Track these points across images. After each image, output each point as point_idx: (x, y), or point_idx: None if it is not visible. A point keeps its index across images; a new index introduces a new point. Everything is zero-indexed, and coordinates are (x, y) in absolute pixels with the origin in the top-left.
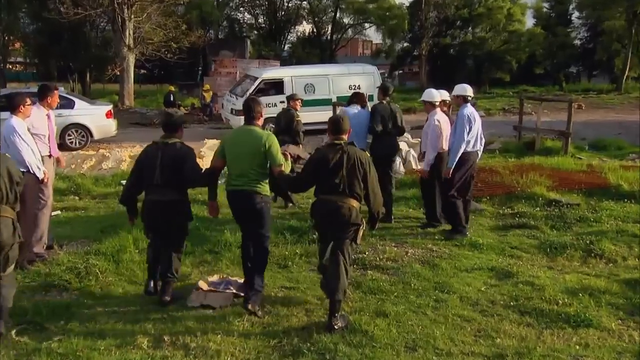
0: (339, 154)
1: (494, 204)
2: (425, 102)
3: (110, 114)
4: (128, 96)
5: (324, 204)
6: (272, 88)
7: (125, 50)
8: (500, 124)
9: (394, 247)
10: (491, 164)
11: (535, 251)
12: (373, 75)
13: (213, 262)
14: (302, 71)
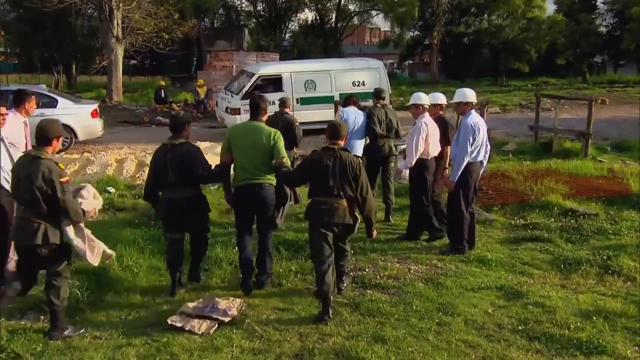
0: (332, 158)
1: (505, 213)
2: (414, 106)
3: (96, 113)
4: (116, 91)
5: (319, 205)
6: (269, 85)
7: (113, 42)
8: (516, 122)
9: (396, 264)
10: (504, 168)
11: (547, 267)
12: (379, 70)
13: (203, 280)
14: (301, 66)
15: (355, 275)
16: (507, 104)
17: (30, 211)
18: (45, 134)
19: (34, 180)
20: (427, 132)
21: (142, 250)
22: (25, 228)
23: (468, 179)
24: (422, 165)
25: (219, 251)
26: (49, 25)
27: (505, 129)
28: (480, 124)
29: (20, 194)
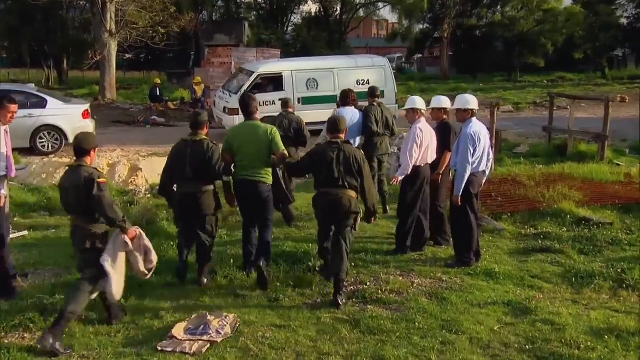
0: (337, 151)
1: (515, 221)
2: (409, 110)
3: (88, 114)
4: (109, 88)
5: (326, 196)
6: (269, 84)
7: (106, 36)
8: (530, 122)
9: (399, 277)
10: (515, 173)
11: (558, 281)
12: (384, 68)
13: (195, 294)
14: (303, 64)
15: (355, 290)
16: (521, 102)
17: (81, 218)
18: (82, 146)
19: (79, 187)
20: (421, 139)
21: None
22: (77, 234)
23: (470, 190)
24: (415, 173)
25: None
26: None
27: (518, 129)
28: (482, 132)
29: (69, 203)
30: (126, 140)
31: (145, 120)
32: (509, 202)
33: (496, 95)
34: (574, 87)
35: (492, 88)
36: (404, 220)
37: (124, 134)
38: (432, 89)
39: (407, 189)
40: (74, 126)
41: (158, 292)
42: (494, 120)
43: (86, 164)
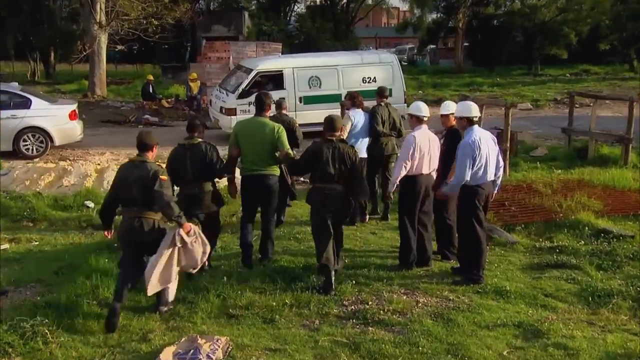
0: (331, 149)
1: (529, 233)
2: (411, 116)
3: (75, 114)
4: (99, 84)
5: (321, 191)
6: (269, 82)
7: (95, 28)
8: (549, 122)
9: (403, 295)
10: (531, 179)
11: (574, 300)
12: (392, 65)
13: (186, 314)
14: (305, 61)
15: (356, 310)
16: (540, 99)
17: (145, 209)
18: (145, 142)
19: (145, 181)
20: (414, 147)
21: None
22: (144, 225)
23: (476, 203)
24: (409, 183)
25: (206, 279)
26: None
27: (536, 129)
28: (485, 140)
29: (134, 195)
30: (116, 142)
31: (137, 120)
32: (523, 211)
33: (514, 92)
34: (598, 81)
35: (509, 83)
36: (401, 233)
37: (114, 135)
38: (445, 84)
39: (402, 200)
40: (60, 128)
41: (147, 310)
42: (509, 122)
43: (149, 159)
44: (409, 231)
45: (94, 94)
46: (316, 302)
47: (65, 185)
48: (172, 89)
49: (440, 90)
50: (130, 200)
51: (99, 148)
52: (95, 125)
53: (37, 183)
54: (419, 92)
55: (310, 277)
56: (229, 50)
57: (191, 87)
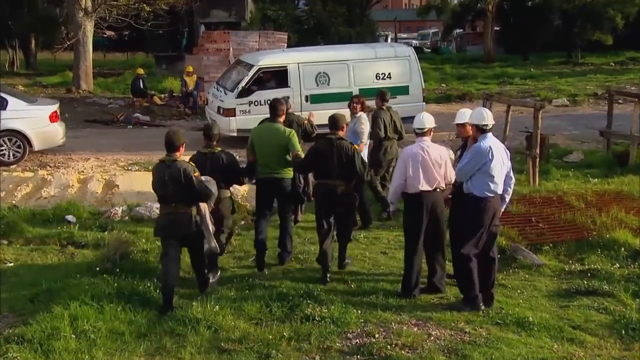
0: (331, 146)
1: (558, 254)
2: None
3: (56, 116)
4: (85, 77)
5: (323, 187)
6: (272, 79)
7: (80, 15)
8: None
9: (413, 327)
10: (562, 190)
11: (605, 333)
12: (409, 59)
13: (173, 349)
14: (312, 56)
15: (361, 344)
16: (578, 94)
17: (182, 205)
18: (172, 142)
19: (179, 179)
20: (407, 162)
21: (102, 310)
22: (183, 220)
23: (483, 217)
24: (409, 201)
25: (198, 310)
26: None
27: (571, 130)
28: (498, 151)
29: (169, 193)
30: (102, 146)
31: (127, 119)
32: (552, 229)
33: (549, 84)
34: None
35: (544, 74)
36: (405, 257)
37: (99, 137)
38: (472, 75)
39: (404, 221)
40: (39, 131)
41: (131, 344)
42: (539, 125)
43: (178, 158)
44: (410, 256)
45: (78, 88)
46: (317, 334)
47: (44, 197)
48: (166, 82)
49: (466, 83)
50: (167, 197)
51: (83, 152)
52: (79, 126)
53: (13, 195)
54: (442, 85)
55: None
56: (228, 40)
57: (186, 82)
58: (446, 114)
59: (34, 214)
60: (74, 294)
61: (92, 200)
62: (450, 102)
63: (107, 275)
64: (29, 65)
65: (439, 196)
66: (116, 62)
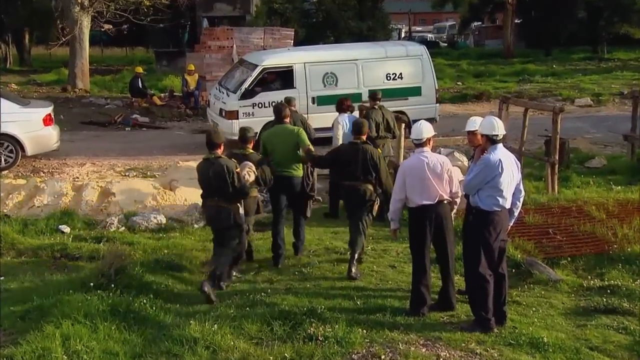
0: (357, 150)
1: (576, 269)
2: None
3: (50, 119)
4: (81, 76)
5: (346, 188)
6: (277, 80)
7: (76, 10)
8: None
9: (422, 347)
10: (582, 198)
11: (624, 355)
12: (421, 58)
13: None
14: (319, 55)
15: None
16: (603, 93)
17: (223, 199)
18: (214, 141)
19: (223, 175)
20: (403, 177)
21: (95, 328)
22: (223, 213)
23: (490, 231)
24: (411, 215)
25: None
26: None
27: (594, 133)
28: (508, 163)
29: (213, 188)
30: (98, 150)
31: (125, 121)
32: (570, 241)
33: (572, 83)
34: None
35: (567, 71)
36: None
37: (96, 141)
38: (490, 72)
39: (409, 236)
40: (32, 135)
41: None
42: (558, 129)
43: (220, 155)
44: (417, 271)
45: (74, 87)
46: (320, 355)
47: (37, 206)
48: (166, 80)
49: (483, 82)
50: (210, 192)
51: (78, 157)
52: (74, 128)
53: (5, 203)
54: (457, 83)
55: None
56: (232, 37)
57: (188, 81)
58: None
59: (26, 224)
60: (67, 311)
61: (87, 209)
62: (466, 101)
63: (101, 291)
64: (23, 62)
65: (444, 208)
66: (114, 58)
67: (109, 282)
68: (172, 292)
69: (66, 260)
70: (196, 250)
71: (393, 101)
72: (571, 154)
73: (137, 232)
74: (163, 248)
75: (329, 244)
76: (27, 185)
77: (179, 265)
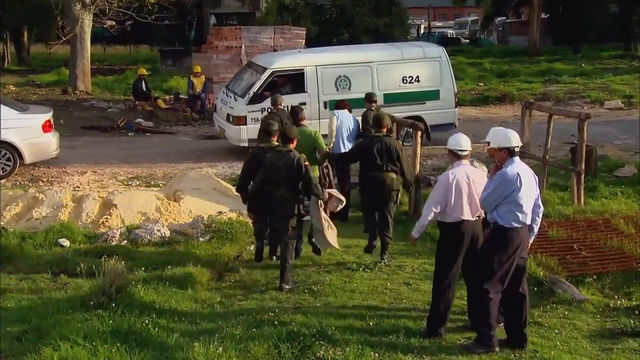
0: (379, 143)
1: (602, 287)
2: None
3: (50, 125)
4: (82, 77)
5: (372, 179)
6: (287, 83)
7: (77, 8)
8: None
9: None
10: (610, 211)
11: None
12: (439, 61)
13: None
14: (331, 57)
15: None
16: (634, 95)
17: (290, 190)
18: (288, 136)
19: (292, 167)
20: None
21: (95, 351)
22: (288, 203)
23: (508, 248)
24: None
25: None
26: None
27: (624, 139)
28: (527, 178)
29: (282, 179)
30: (100, 157)
31: (128, 125)
32: (596, 258)
33: (602, 83)
34: None
35: (597, 70)
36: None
37: (97, 147)
38: (514, 72)
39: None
40: (31, 142)
41: None
42: (584, 137)
43: (292, 149)
44: (441, 290)
45: (75, 89)
46: None
47: (35, 218)
48: (171, 81)
49: (507, 82)
50: (278, 181)
51: (79, 165)
52: (75, 133)
53: (1, 215)
54: (479, 84)
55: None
56: (240, 37)
57: (194, 84)
58: (483, 119)
59: (23, 238)
60: (65, 332)
61: (88, 221)
62: (488, 104)
63: (101, 310)
64: (22, 61)
65: (479, 225)
66: (117, 57)
67: (109, 300)
68: (176, 311)
69: (65, 277)
70: (201, 266)
71: (409, 105)
72: (599, 162)
73: (139, 245)
74: (167, 263)
75: (340, 258)
76: (25, 196)
77: (183, 282)
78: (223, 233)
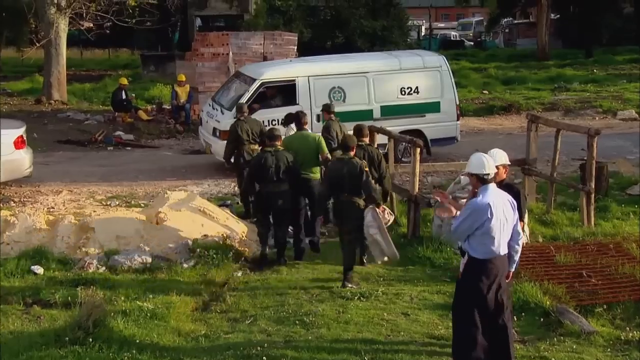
0: (362, 152)
1: (613, 318)
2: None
3: (22, 141)
4: (58, 86)
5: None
6: (277, 95)
7: (52, 12)
8: None
9: None
10: (622, 234)
11: None
12: (440, 71)
13: None
14: (324, 67)
15: None
16: None
17: (354, 195)
18: (348, 145)
19: (354, 173)
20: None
21: None
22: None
23: (484, 280)
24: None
25: None
26: None
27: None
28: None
29: (347, 185)
30: (77, 174)
31: (107, 139)
32: (607, 286)
33: (615, 91)
34: None
35: (610, 77)
36: (459, 340)
37: (74, 163)
38: (521, 79)
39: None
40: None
41: None
42: (593, 154)
43: (352, 156)
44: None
45: (50, 98)
46: None
47: (6, 243)
48: (153, 90)
49: (513, 90)
50: (342, 187)
51: (54, 183)
52: (50, 148)
53: None
54: (483, 92)
55: None
56: (227, 43)
57: (178, 94)
58: (487, 131)
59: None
60: None
61: (63, 246)
62: (493, 114)
63: (78, 346)
64: None
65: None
66: (95, 62)
67: (86, 335)
68: (158, 346)
69: (39, 308)
70: (185, 295)
71: (408, 118)
72: (610, 179)
73: (119, 272)
74: (148, 292)
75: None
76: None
77: (166, 313)
78: (209, 258)
